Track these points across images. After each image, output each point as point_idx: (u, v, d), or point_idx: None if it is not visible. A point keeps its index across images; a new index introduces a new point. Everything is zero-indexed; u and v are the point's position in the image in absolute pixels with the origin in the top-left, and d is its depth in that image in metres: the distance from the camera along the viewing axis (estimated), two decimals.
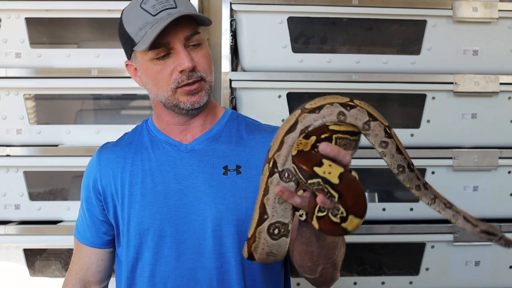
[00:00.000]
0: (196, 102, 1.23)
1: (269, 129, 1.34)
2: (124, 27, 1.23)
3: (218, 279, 1.23)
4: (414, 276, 2.11)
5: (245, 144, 1.30)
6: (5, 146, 1.99)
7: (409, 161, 1.07)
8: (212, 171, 1.26)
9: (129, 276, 1.29)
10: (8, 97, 2.01)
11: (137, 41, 1.20)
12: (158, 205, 1.25)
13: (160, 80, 1.22)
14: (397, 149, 1.06)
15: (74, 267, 1.37)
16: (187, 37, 1.20)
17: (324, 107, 1.04)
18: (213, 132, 1.32)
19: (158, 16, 1.18)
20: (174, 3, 1.20)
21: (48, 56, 2.03)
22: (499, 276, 2.12)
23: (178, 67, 1.20)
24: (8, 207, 2.01)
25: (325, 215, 0.89)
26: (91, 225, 1.34)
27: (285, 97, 2.04)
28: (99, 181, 1.31)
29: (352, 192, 0.88)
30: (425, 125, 2.09)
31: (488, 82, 2.07)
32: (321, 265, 1.13)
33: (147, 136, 1.34)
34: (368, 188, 2.23)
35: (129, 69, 1.31)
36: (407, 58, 2.09)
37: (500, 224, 2.09)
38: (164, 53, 1.20)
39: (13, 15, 2.01)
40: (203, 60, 1.23)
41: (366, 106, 1.03)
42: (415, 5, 2.05)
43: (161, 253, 1.25)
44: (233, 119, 1.36)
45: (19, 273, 1.99)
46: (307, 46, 2.19)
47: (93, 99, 2.27)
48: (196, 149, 1.29)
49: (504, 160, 2.08)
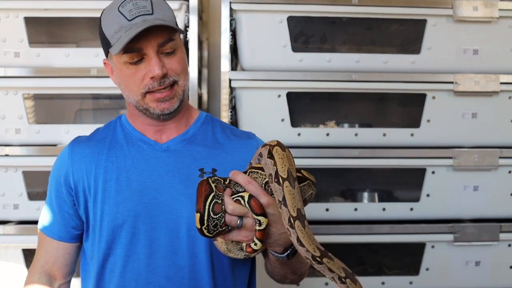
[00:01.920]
0: (166, 108, 1.26)
1: (243, 135, 1.39)
2: (102, 27, 1.25)
3: (189, 277, 1.27)
4: (414, 276, 2.10)
5: (221, 148, 1.33)
6: (4, 146, 1.99)
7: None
8: (188, 172, 1.28)
9: (98, 271, 1.30)
10: (7, 96, 2.01)
11: (112, 44, 1.22)
12: (133, 202, 1.26)
13: (131, 84, 1.25)
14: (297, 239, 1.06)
15: (40, 261, 1.35)
16: (160, 43, 1.22)
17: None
18: (189, 134, 1.34)
19: (133, 22, 1.20)
20: (151, 9, 1.21)
21: (47, 56, 2.02)
22: (499, 276, 2.12)
23: (149, 73, 1.22)
24: (7, 207, 2.01)
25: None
26: (60, 219, 1.33)
27: (285, 97, 2.04)
28: (71, 175, 1.31)
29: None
30: (425, 124, 2.09)
31: (488, 82, 2.07)
32: (289, 278, 1.30)
33: (122, 133, 1.35)
34: (368, 188, 2.23)
35: (107, 68, 1.33)
36: (407, 58, 2.09)
37: (500, 224, 2.09)
38: (137, 59, 1.22)
39: (12, 14, 2.00)
40: (176, 65, 1.25)
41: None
42: (415, 4, 2.05)
43: (134, 249, 1.26)
44: (207, 121, 1.39)
45: (17, 273, 1.99)
46: (307, 45, 2.18)
47: (92, 98, 2.27)
48: (171, 149, 1.31)
49: (504, 160, 2.08)
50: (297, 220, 1.04)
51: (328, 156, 2.03)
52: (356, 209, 2.07)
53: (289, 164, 1.07)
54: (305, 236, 1.04)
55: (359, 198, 2.21)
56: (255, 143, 1.35)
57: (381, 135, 2.08)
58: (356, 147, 2.06)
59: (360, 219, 2.07)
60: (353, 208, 2.07)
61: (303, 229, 1.04)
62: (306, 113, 2.22)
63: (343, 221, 2.08)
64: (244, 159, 1.29)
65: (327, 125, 2.13)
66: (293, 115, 2.06)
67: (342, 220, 2.08)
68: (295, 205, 1.05)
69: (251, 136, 1.40)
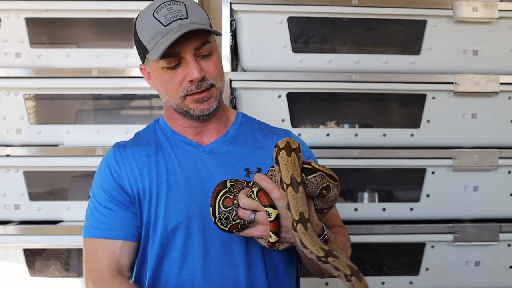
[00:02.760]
0: (205, 109, 1.28)
1: (279, 132, 1.42)
2: (137, 33, 1.27)
3: (245, 275, 1.28)
4: (414, 276, 2.10)
5: (262, 147, 1.36)
6: (5, 146, 1.99)
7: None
8: (234, 172, 1.31)
9: (153, 274, 1.30)
10: (8, 97, 2.01)
11: (149, 49, 1.24)
12: (185, 204, 1.28)
13: (170, 88, 1.27)
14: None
15: (103, 263, 1.28)
16: (197, 47, 1.24)
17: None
18: (230, 135, 1.37)
19: (169, 27, 1.22)
20: (185, 13, 1.23)
21: (48, 56, 2.03)
22: (499, 276, 2.12)
23: (187, 77, 1.24)
24: (8, 207, 2.01)
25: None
26: (121, 221, 1.30)
27: (285, 97, 2.04)
28: (125, 179, 1.30)
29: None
30: (425, 125, 2.09)
31: (488, 82, 2.07)
32: (326, 273, 1.26)
33: (163, 136, 1.37)
34: (368, 188, 2.24)
35: (143, 73, 1.36)
36: (407, 58, 2.09)
37: (500, 224, 2.09)
38: (175, 63, 1.24)
39: (13, 15, 2.00)
40: (213, 68, 1.27)
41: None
42: (415, 5, 2.06)
43: (189, 250, 1.28)
44: (245, 122, 1.43)
45: (19, 273, 1.99)
46: (307, 46, 2.19)
47: (93, 99, 2.27)
48: (215, 151, 1.34)
49: (504, 160, 2.08)
50: (299, 223, 1.07)
51: (328, 157, 2.03)
52: (356, 209, 2.08)
53: (293, 169, 1.09)
54: (308, 238, 1.06)
55: (359, 198, 2.22)
56: None
57: (381, 135, 2.09)
58: (356, 147, 2.06)
59: (360, 219, 2.07)
60: (353, 208, 2.08)
61: (305, 231, 1.06)
62: (307, 114, 2.22)
63: (343, 221, 2.07)
64: None
65: (327, 125, 2.13)
66: (294, 116, 2.07)
67: (342, 220, 2.08)
68: (298, 208, 1.07)
69: (288, 134, 1.44)
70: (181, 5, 1.24)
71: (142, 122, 2.10)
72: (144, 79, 1.37)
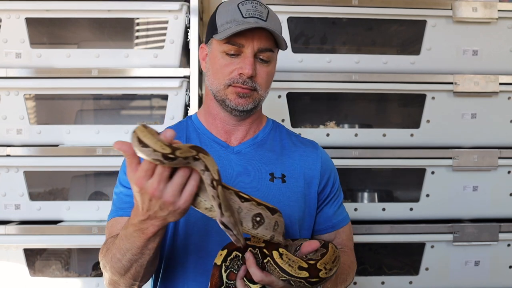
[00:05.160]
0: (240, 104, 1.31)
1: (308, 144, 1.44)
2: (215, 15, 1.33)
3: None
4: (414, 276, 2.11)
5: (288, 155, 1.39)
6: (5, 146, 1.99)
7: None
8: (259, 175, 1.33)
9: (169, 269, 1.31)
10: (8, 97, 2.02)
11: (219, 31, 1.29)
12: None
13: (219, 73, 1.31)
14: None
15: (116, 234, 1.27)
16: (260, 49, 1.29)
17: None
18: (259, 139, 1.40)
19: (247, 20, 1.27)
20: (266, 17, 1.29)
21: (48, 56, 2.03)
22: (499, 276, 2.12)
23: (240, 69, 1.28)
24: (8, 207, 2.01)
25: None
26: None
27: (285, 97, 2.05)
28: None
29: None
30: (425, 125, 2.10)
31: (488, 82, 2.07)
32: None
33: (194, 133, 1.40)
34: (368, 188, 2.24)
35: (201, 52, 1.40)
36: (407, 58, 2.10)
37: (499, 224, 2.09)
38: (235, 52, 1.28)
39: (13, 15, 2.01)
40: (264, 75, 1.31)
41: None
42: (415, 5, 2.06)
43: (206, 246, 1.28)
44: (275, 128, 1.45)
45: (19, 273, 1.99)
46: (307, 46, 2.19)
47: (93, 99, 2.28)
48: (243, 152, 1.36)
49: (504, 160, 2.09)
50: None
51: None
52: (356, 209, 2.08)
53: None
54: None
55: (359, 198, 2.22)
56: (319, 155, 1.41)
57: (381, 135, 2.09)
58: (356, 147, 2.06)
59: (360, 219, 2.08)
60: (353, 208, 2.08)
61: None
62: (306, 114, 2.22)
63: None
64: (309, 168, 1.37)
65: (327, 125, 2.14)
66: (293, 116, 2.07)
67: None
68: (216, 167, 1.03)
69: (316, 147, 1.45)
70: (265, 9, 1.31)
71: (142, 122, 2.10)
72: (199, 57, 1.41)
